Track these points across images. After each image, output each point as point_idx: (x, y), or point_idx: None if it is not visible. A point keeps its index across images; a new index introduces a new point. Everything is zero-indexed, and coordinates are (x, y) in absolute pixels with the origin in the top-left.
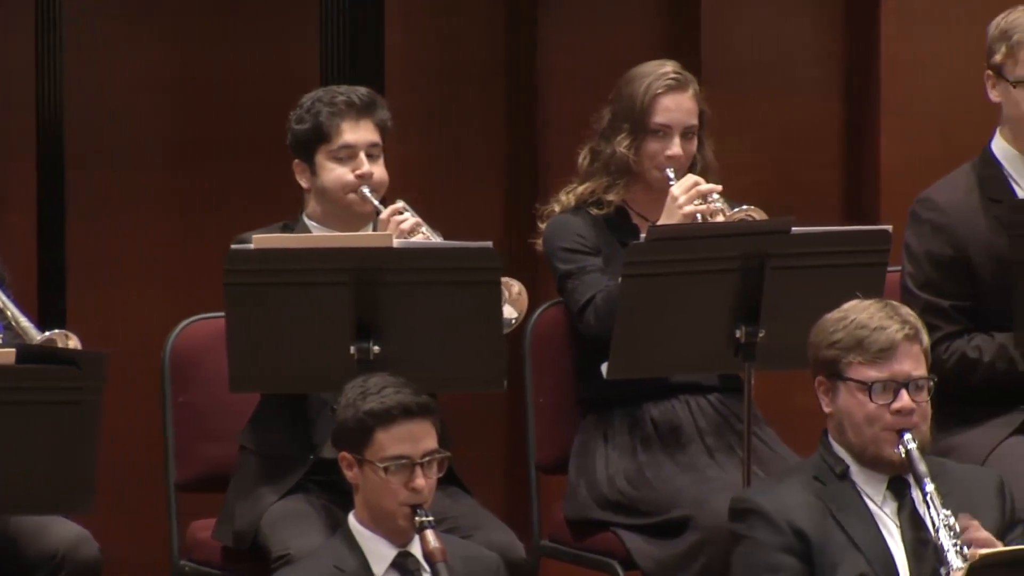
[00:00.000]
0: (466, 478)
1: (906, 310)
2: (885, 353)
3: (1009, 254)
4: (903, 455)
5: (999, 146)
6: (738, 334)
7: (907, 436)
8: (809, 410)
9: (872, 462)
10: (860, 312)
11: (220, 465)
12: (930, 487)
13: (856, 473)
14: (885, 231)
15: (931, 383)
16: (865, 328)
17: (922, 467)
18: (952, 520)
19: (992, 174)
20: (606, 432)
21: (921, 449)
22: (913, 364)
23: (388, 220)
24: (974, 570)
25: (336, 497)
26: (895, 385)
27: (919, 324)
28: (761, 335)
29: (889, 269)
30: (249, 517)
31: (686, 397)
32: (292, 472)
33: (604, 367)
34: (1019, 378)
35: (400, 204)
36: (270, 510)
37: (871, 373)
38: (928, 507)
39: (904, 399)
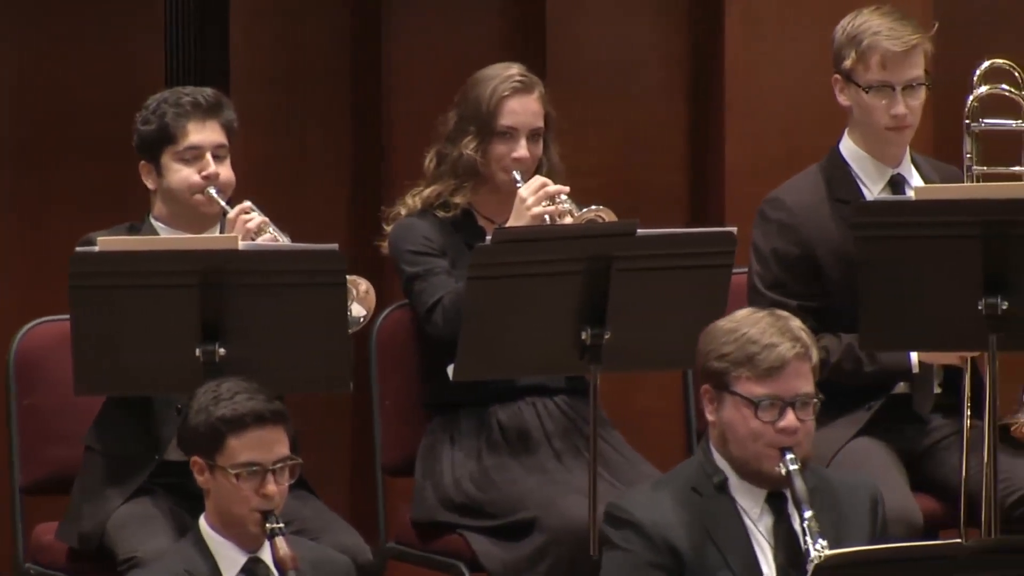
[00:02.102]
0: (312, 480)
1: (797, 324)
2: (774, 371)
3: (855, 255)
4: (784, 474)
5: (847, 147)
6: (584, 336)
7: (789, 456)
8: (652, 411)
9: (752, 476)
10: (751, 326)
11: (66, 467)
12: (808, 514)
13: (735, 486)
14: (730, 233)
15: (817, 400)
16: (756, 344)
17: (802, 491)
18: (828, 552)
19: (840, 175)
20: (452, 434)
21: (803, 464)
22: (801, 382)
23: (235, 220)
24: (820, 570)
25: (182, 499)
26: (781, 403)
27: (809, 341)
28: (607, 337)
29: (734, 271)
30: (95, 519)
31: (532, 399)
32: (137, 473)
33: (450, 369)
34: (865, 378)
35: (247, 204)
36: (116, 512)
37: (758, 390)
38: (804, 533)
39: (789, 418)
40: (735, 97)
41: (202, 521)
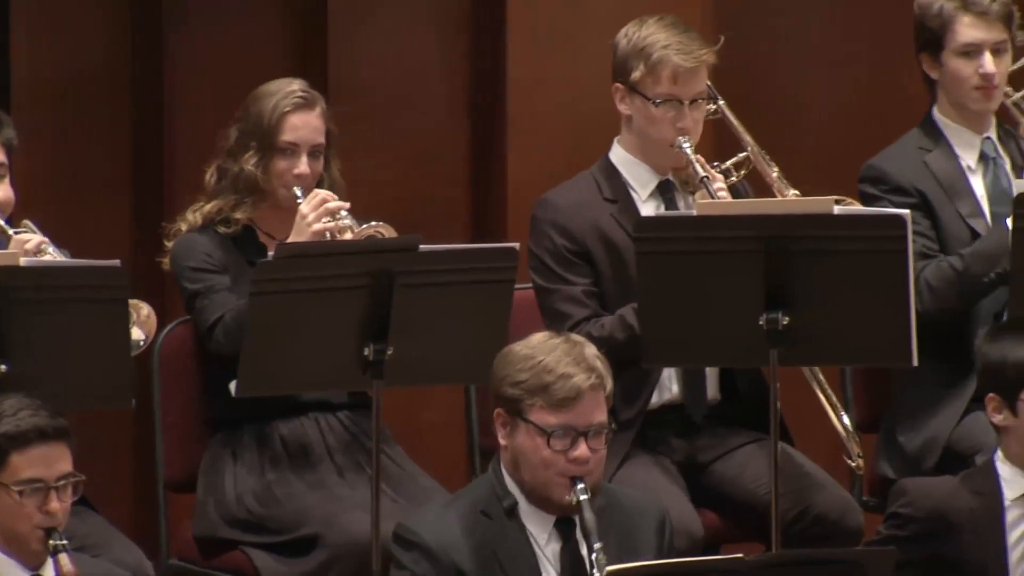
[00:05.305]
0: (93, 496)
1: (592, 352)
2: (568, 402)
3: (636, 271)
4: (574, 503)
5: (618, 154)
6: (366, 351)
7: (580, 486)
8: (435, 425)
9: (542, 503)
10: (547, 353)
11: None
12: (597, 546)
13: (524, 510)
14: (512, 248)
15: (609, 429)
16: (551, 373)
17: (591, 522)
18: (611, 567)
19: (610, 179)
20: (235, 450)
21: (593, 492)
22: (595, 412)
23: (12, 239)
24: None
25: None
26: (575, 433)
27: (604, 370)
28: (389, 352)
29: (516, 287)
30: None
31: (315, 415)
32: None
33: (233, 385)
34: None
35: (28, 233)
36: None
37: (552, 420)
38: (592, 566)
39: (581, 448)
40: (517, 112)
41: None
